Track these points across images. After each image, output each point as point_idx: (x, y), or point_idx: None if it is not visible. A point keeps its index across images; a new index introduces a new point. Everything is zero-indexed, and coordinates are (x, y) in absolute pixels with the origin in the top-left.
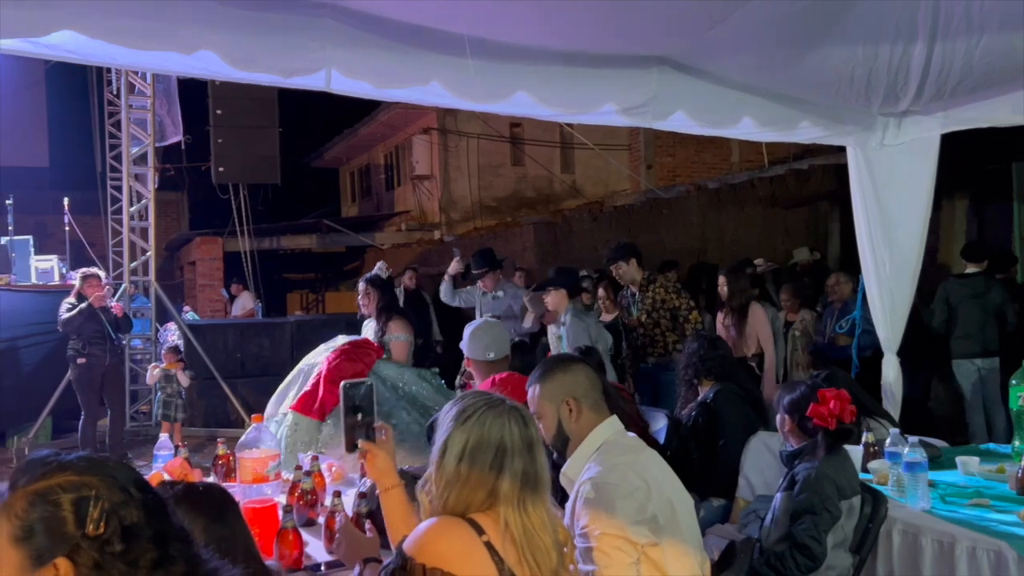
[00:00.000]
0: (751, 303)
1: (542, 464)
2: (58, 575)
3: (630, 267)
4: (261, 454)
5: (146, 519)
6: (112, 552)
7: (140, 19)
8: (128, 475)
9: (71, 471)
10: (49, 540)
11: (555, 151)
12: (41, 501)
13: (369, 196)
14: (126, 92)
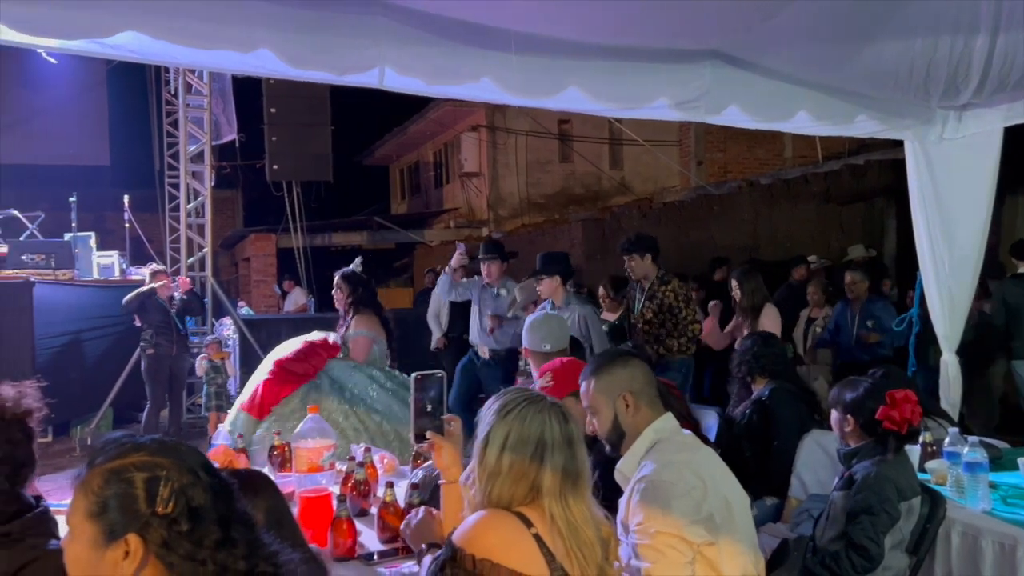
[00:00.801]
0: (765, 304)
1: (582, 460)
2: (128, 550)
3: (644, 262)
4: (316, 444)
5: (212, 501)
6: (179, 531)
7: (200, 19)
8: (197, 459)
9: (144, 452)
10: (121, 516)
11: (604, 147)
12: (115, 479)
13: (418, 193)
14: (183, 92)
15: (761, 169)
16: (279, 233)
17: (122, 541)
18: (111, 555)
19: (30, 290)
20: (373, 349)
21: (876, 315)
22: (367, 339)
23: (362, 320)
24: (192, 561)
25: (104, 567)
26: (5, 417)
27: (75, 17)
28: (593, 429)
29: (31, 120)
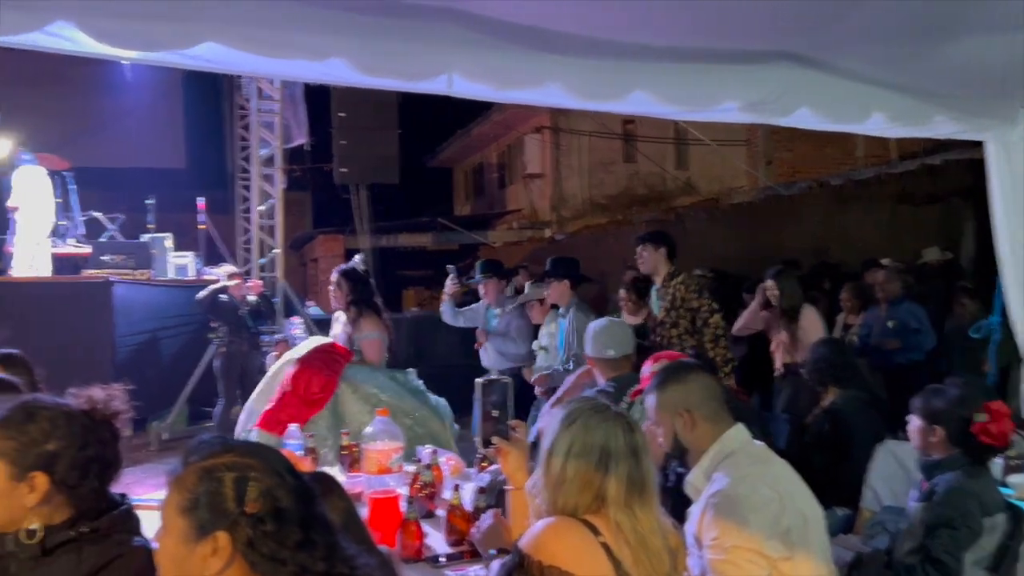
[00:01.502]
0: (803, 306)
1: (648, 470)
2: (216, 547)
3: (656, 255)
4: (385, 446)
5: (295, 503)
6: (264, 531)
7: (276, 29)
8: (282, 461)
9: (235, 453)
10: (211, 513)
11: (669, 147)
12: (207, 477)
13: (482, 195)
14: (256, 97)
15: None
16: (347, 234)
17: (211, 538)
18: (200, 550)
19: (110, 290)
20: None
21: (899, 317)
22: (379, 341)
23: (369, 322)
24: (274, 561)
25: (193, 562)
26: (96, 418)
27: (158, 30)
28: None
29: (111, 125)
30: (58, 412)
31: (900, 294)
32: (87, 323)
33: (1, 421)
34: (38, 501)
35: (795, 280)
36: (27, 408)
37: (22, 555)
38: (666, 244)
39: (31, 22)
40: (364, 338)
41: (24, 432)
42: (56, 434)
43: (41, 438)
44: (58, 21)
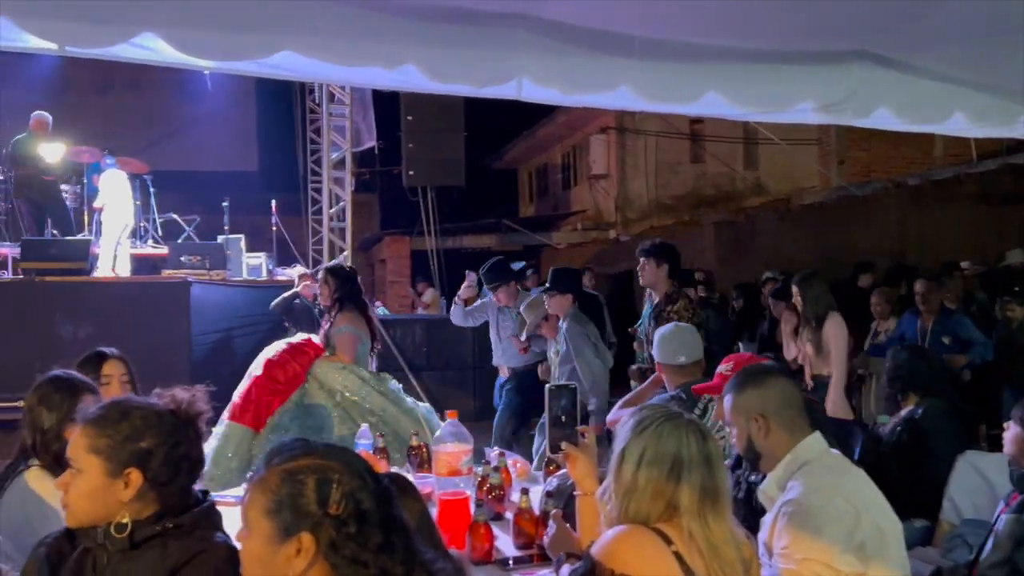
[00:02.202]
0: (829, 313)
1: (722, 479)
2: (301, 548)
3: (658, 272)
4: (455, 448)
5: (376, 505)
6: (347, 533)
7: (350, 37)
8: (363, 464)
9: (317, 455)
10: (295, 515)
11: (738, 147)
12: (291, 479)
13: (546, 196)
14: (327, 101)
15: (908, 168)
16: (413, 235)
17: (295, 539)
18: (284, 551)
19: (188, 290)
20: (360, 349)
21: (954, 331)
22: (352, 336)
23: (347, 317)
24: (355, 563)
25: (277, 562)
26: (181, 417)
27: (238, 40)
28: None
29: (188, 130)
30: (149, 411)
31: (942, 306)
32: (165, 322)
33: (96, 420)
34: (132, 497)
35: (821, 286)
36: (120, 407)
37: (111, 548)
38: (669, 262)
39: (118, 34)
40: (338, 332)
41: (118, 430)
42: (149, 432)
43: (135, 436)
44: (144, 33)
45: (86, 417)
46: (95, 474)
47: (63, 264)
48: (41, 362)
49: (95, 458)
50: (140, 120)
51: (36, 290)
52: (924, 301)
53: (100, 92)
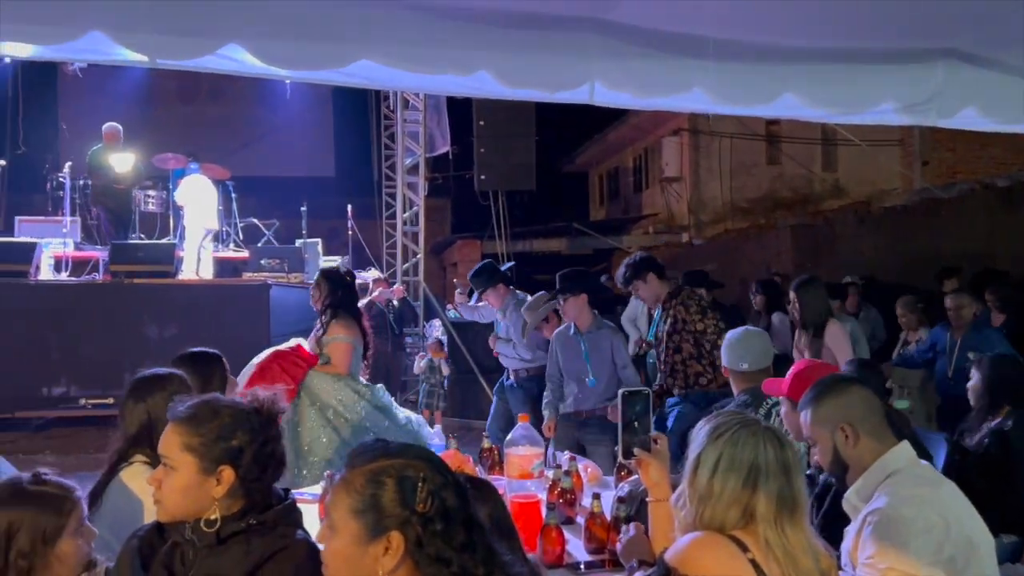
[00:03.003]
0: (829, 320)
1: (799, 488)
2: (389, 547)
3: (649, 285)
4: (527, 451)
5: (459, 504)
6: (433, 530)
7: (426, 45)
8: (443, 463)
9: (400, 456)
10: (383, 514)
11: (816, 148)
12: (375, 479)
13: (617, 199)
14: (401, 108)
15: (997, 169)
16: (484, 239)
17: (384, 538)
18: (372, 551)
19: (267, 292)
20: (355, 357)
21: (978, 346)
22: (347, 345)
23: (341, 324)
24: (439, 561)
25: (366, 562)
26: (265, 416)
27: (318, 49)
28: (817, 460)
29: (267, 137)
30: (238, 410)
31: (974, 320)
32: (245, 323)
33: (188, 418)
34: (224, 493)
35: (820, 292)
36: (210, 405)
37: (199, 543)
38: (651, 269)
39: (206, 46)
40: (332, 340)
41: (211, 428)
42: (240, 430)
43: (228, 434)
44: (229, 44)
45: (177, 415)
46: (188, 471)
47: (150, 267)
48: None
49: (189, 456)
50: (222, 127)
51: (124, 292)
52: (956, 316)
53: (185, 101)
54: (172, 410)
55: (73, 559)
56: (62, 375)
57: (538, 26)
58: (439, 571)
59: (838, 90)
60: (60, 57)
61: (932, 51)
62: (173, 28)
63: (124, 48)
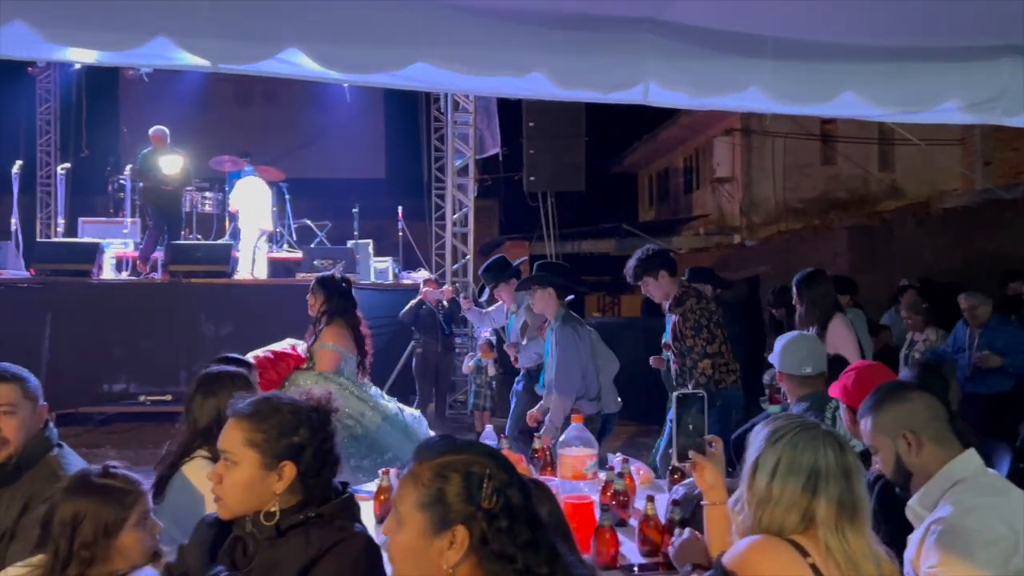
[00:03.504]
0: (834, 316)
1: (860, 494)
2: (454, 541)
3: (660, 283)
4: (580, 452)
5: (524, 502)
6: (497, 527)
7: (481, 47)
8: (508, 461)
9: (467, 452)
10: (449, 509)
11: (872, 148)
12: (442, 474)
13: (666, 200)
14: (451, 110)
15: None
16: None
17: (449, 532)
18: (437, 544)
19: None
20: (340, 367)
21: (991, 342)
22: (333, 354)
23: (331, 332)
24: (502, 558)
25: (431, 555)
26: (321, 412)
27: (375, 53)
28: (879, 469)
29: (320, 139)
30: (298, 407)
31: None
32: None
33: (249, 414)
34: (285, 488)
35: (824, 287)
36: (271, 402)
37: (260, 535)
38: (664, 266)
39: (266, 51)
40: (321, 348)
41: (273, 425)
42: (302, 426)
43: (289, 430)
44: (289, 48)
45: (239, 411)
46: (251, 466)
47: (207, 267)
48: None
49: (251, 451)
50: (277, 130)
51: (182, 291)
52: (971, 316)
53: (241, 104)
54: (233, 406)
55: (134, 552)
56: (122, 372)
57: (592, 27)
58: (503, 568)
59: (900, 89)
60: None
61: (997, 48)
62: (235, 33)
63: (187, 53)
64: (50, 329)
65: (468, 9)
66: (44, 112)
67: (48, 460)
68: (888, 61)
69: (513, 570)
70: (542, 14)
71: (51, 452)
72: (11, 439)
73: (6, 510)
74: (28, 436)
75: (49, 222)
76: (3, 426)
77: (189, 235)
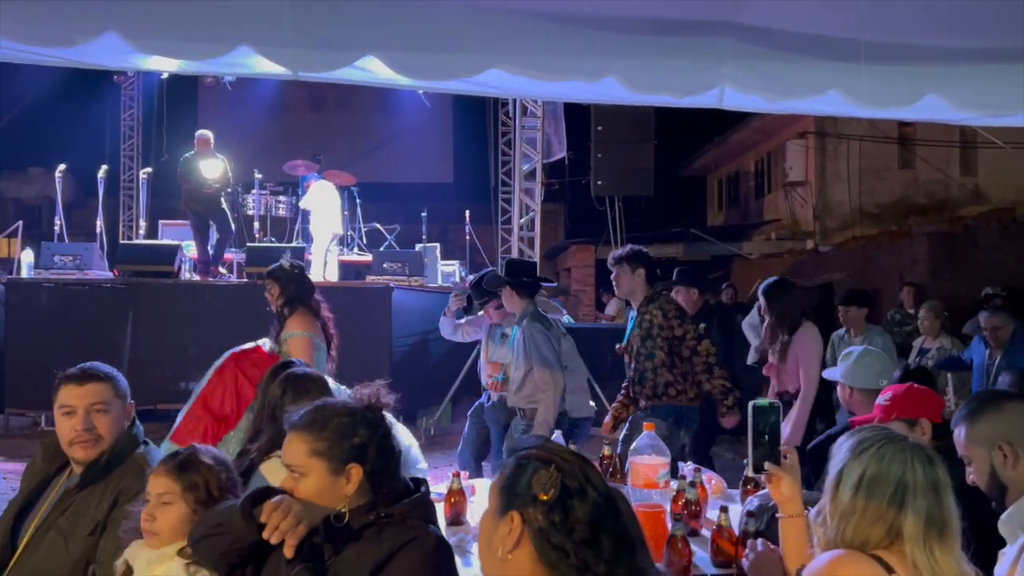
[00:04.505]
0: (801, 323)
1: (950, 509)
2: (511, 526)
3: (634, 278)
4: (653, 461)
5: (590, 503)
6: (552, 520)
7: (554, 53)
8: (591, 468)
9: (547, 449)
10: (512, 495)
11: (953, 151)
12: (519, 463)
13: (736, 204)
14: (519, 114)
15: None
16: (598, 245)
17: (508, 516)
18: (501, 528)
19: (390, 295)
20: (314, 354)
21: (1014, 363)
22: (306, 339)
23: (298, 319)
24: (557, 551)
25: (496, 538)
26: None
27: (449, 60)
28: (973, 479)
29: (390, 143)
30: (351, 409)
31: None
32: (369, 324)
33: (307, 425)
34: (355, 490)
35: (791, 294)
36: (325, 410)
37: (333, 536)
38: (645, 266)
39: (344, 59)
40: (290, 336)
41: (332, 431)
42: (360, 427)
43: (349, 432)
44: (366, 56)
45: (295, 424)
46: (319, 475)
47: None
48: None
49: (316, 460)
50: (348, 135)
51: (257, 292)
52: (992, 336)
53: (314, 110)
54: (288, 420)
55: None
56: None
57: (666, 31)
58: (559, 559)
59: (986, 91)
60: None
61: None
62: (315, 42)
63: (269, 61)
64: (132, 328)
65: (542, 15)
66: (127, 119)
67: (136, 457)
68: (973, 63)
69: (568, 565)
70: (616, 19)
71: (138, 449)
72: (104, 436)
73: (97, 505)
74: (119, 433)
75: (131, 224)
76: (97, 423)
77: (263, 238)
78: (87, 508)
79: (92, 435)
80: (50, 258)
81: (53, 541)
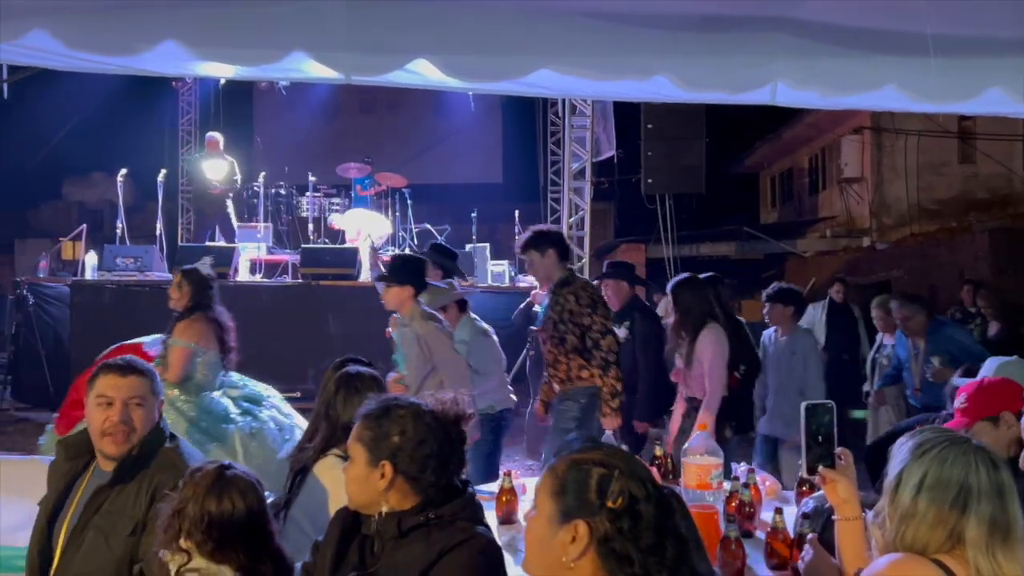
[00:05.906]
0: (706, 324)
1: (1015, 515)
2: (576, 535)
3: (545, 260)
4: (706, 461)
5: (653, 508)
6: (619, 527)
7: (604, 53)
8: (646, 470)
9: (603, 452)
10: (575, 501)
11: (1016, 145)
12: (577, 467)
13: (790, 201)
14: (568, 114)
15: None
16: (649, 243)
17: (571, 525)
18: (562, 535)
19: None
20: (194, 364)
21: (948, 350)
22: (184, 350)
23: (185, 327)
24: (622, 559)
25: (555, 545)
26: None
27: (500, 62)
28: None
29: (440, 145)
30: (410, 411)
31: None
32: None
33: (366, 414)
34: (387, 487)
35: (699, 292)
36: (387, 405)
37: (385, 536)
38: (553, 246)
39: (395, 62)
40: (174, 343)
41: (379, 424)
42: (403, 430)
43: (391, 431)
44: (417, 59)
45: (361, 411)
46: (360, 462)
47: (335, 270)
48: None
49: (360, 447)
50: (398, 137)
51: (312, 293)
52: (904, 327)
53: (365, 112)
54: (366, 405)
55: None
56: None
57: (718, 28)
58: (622, 568)
59: None
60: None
61: None
62: (367, 46)
63: (322, 66)
64: None
65: (592, 14)
66: (185, 123)
67: (165, 451)
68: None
69: (632, 573)
70: (666, 16)
71: (165, 444)
72: (138, 429)
73: (135, 503)
74: (149, 429)
75: (189, 227)
76: (134, 416)
77: (317, 239)
78: (124, 507)
79: (127, 428)
80: (112, 260)
81: (94, 541)
